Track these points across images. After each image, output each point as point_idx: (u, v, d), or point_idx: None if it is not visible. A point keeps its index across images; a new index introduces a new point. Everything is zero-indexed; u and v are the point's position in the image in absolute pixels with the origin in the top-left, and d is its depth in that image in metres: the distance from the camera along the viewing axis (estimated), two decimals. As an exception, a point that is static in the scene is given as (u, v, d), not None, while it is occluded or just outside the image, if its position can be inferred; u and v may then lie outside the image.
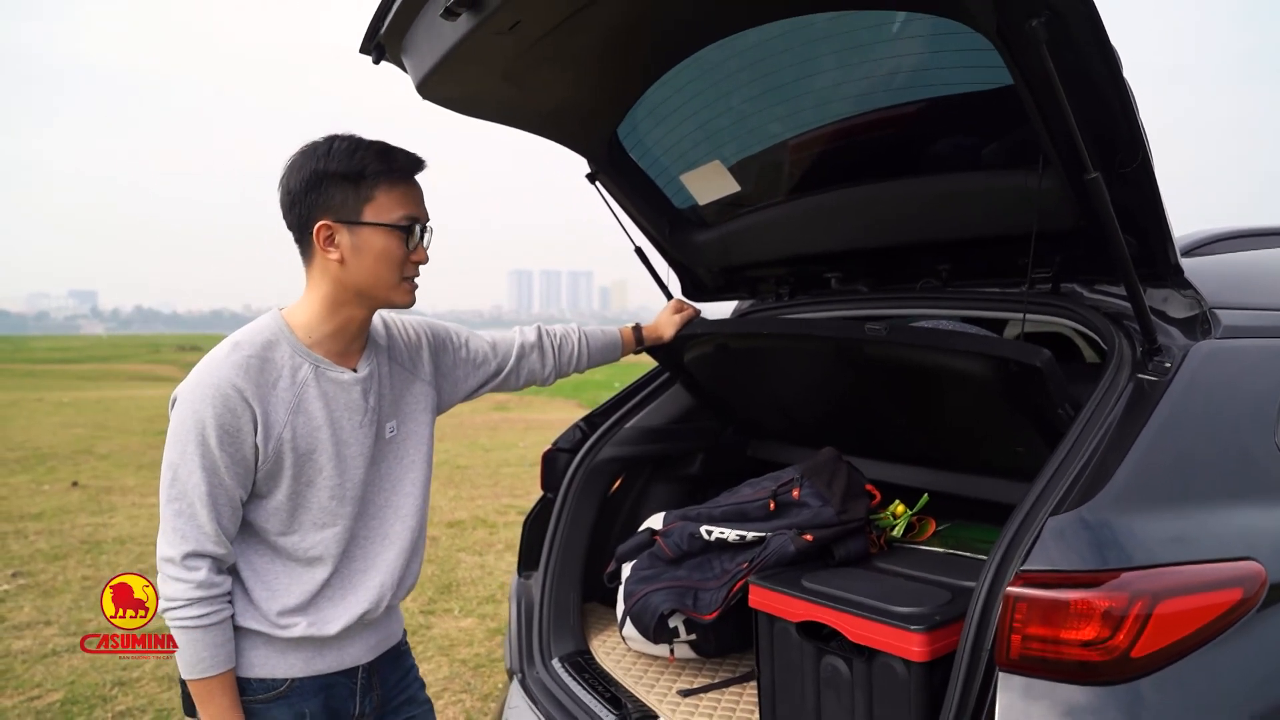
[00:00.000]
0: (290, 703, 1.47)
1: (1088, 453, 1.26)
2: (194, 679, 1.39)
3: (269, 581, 1.45)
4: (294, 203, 1.45)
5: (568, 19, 1.54)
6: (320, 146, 1.45)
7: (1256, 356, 1.40)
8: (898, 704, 1.41)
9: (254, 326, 1.48)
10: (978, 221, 1.69)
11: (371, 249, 1.45)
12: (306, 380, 1.46)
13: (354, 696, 1.55)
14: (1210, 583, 1.13)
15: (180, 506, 1.37)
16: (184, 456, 1.37)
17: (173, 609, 1.37)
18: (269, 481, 1.44)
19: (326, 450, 1.47)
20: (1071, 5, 1.14)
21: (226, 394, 1.37)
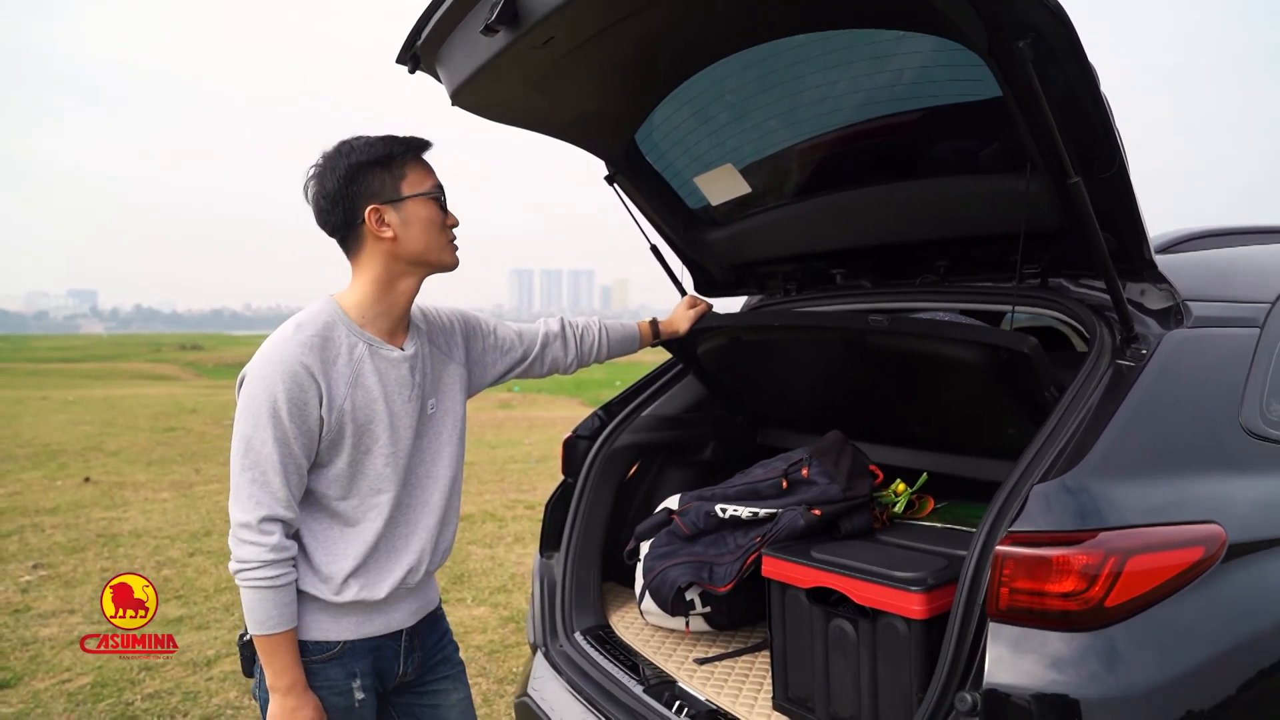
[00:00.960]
0: (343, 663, 1.62)
1: (1070, 429, 1.40)
2: (262, 635, 1.52)
3: (328, 546, 1.59)
4: (335, 201, 1.59)
5: (596, 35, 1.68)
6: (344, 146, 1.60)
7: (1223, 344, 1.55)
8: (899, 659, 1.56)
9: (312, 310, 1.62)
10: (972, 221, 1.84)
11: (418, 218, 1.62)
12: (362, 357, 1.60)
13: (398, 657, 1.70)
14: (1175, 542, 1.27)
15: (255, 475, 1.50)
16: (257, 428, 1.50)
17: (247, 569, 1.50)
18: (331, 450, 1.57)
19: (382, 421, 1.61)
20: (1054, 29, 1.29)
21: (295, 370, 1.51)
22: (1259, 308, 1.63)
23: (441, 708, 1.79)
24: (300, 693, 1.56)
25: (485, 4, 1.65)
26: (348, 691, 1.62)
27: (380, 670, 1.68)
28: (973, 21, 1.34)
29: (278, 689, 1.55)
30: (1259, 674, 1.27)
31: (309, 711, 1.57)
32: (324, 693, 1.60)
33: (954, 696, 1.29)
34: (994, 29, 1.33)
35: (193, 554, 5.78)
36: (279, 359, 1.52)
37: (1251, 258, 1.80)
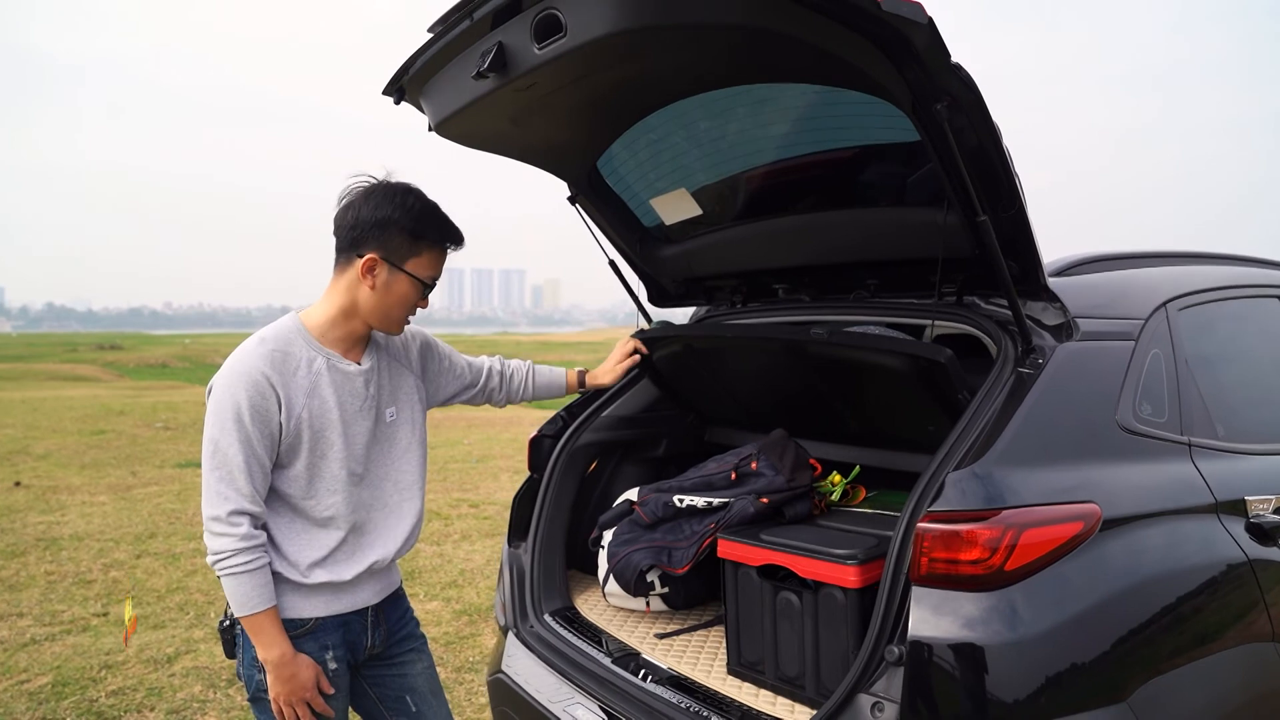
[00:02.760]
0: (316, 637, 1.81)
1: (979, 427, 1.68)
2: (246, 615, 1.71)
3: (294, 538, 1.79)
4: (357, 226, 1.78)
5: (573, 82, 1.89)
6: (398, 195, 1.79)
7: (1105, 355, 1.85)
8: (837, 624, 1.82)
9: (277, 326, 1.81)
10: (897, 246, 2.11)
11: (397, 291, 1.81)
12: (320, 370, 1.79)
13: (366, 631, 1.90)
14: (1060, 518, 1.55)
15: (222, 474, 1.69)
16: (223, 432, 1.69)
17: (221, 559, 1.68)
18: (290, 453, 1.76)
19: (336, 428, 1.79)
20: (966, 94, 1.56)
21: (257, 380, 1.70)
22: (1135, 323, 1.93)
23: (409, 676, 2.00)
24: (292, 659, 1.75)
25: (475, 52, 1.86)
26: (322, 663, 1.81)
27: (350, 643, 1.87)
28: (900, 86, 1.60)
29: (270, 660, 1.73)
30: (1125, 621, 1.56)
31: (305, 672, 1.77)
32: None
33: (884, 649, 1.55)
34: (917, 93, 1.60)
35: (139, 556, 5.78)
36: (243, 370, 1.71)
37: (1131, 279, 2.11)
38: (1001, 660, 1.47)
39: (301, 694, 1.76)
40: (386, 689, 1.98)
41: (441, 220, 1.84)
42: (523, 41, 1.73)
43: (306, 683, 1.76)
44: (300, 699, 1.76)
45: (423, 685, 2.02)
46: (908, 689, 1.49)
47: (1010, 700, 1.46)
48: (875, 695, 1.55)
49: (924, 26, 1.45)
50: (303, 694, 1.76)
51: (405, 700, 1.99)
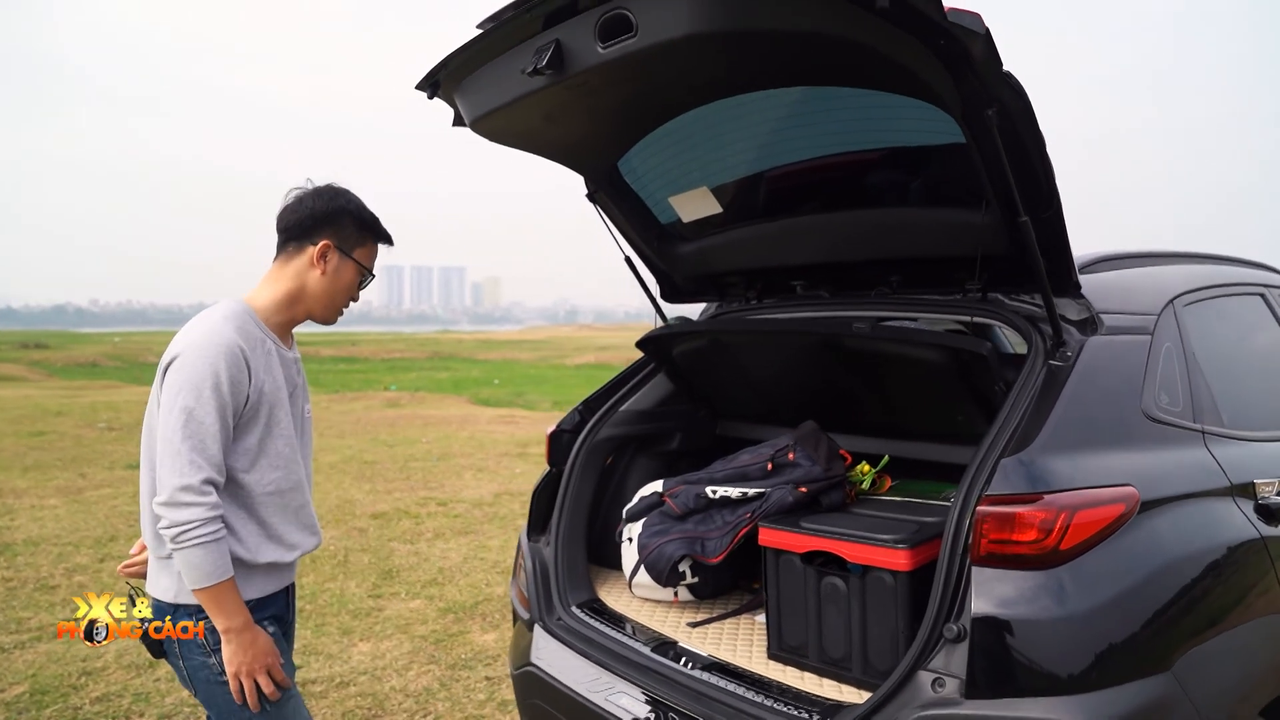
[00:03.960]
0: (258, 611, 1.84)
1: (1019, 417, 1.77)
2: (210, 586, 1.70)
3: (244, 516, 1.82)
4: (311, 214, 1.90)
5: (627, 81, 1.93)
6: (346, 192, 1.95)
7: (1127, 348, 1.96)
8: (886, 606, 1.90)
9: (231, 306, 1.86)
10: (924, 244, 2.20)
11: (344, 278, 1.95)
12: (270, 349, 1.87)
13: (286, 606, 2.00)
14: (1105, 500, 1.65)
15: (195, 442, 1.70)
16: (200, 400, 1.71)
17: (191, 529, 1.67)
18: (248, 425, 1.81)
19: (284, 405, 1.88)
20: (1015, 102, 1.64)
21: (234, 351, 1.75)
22: (1149, 318, 2.05)
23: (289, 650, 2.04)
24: (252, 627, 1.77)
25: (527, 49, 1.88)
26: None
27: (278, 619, 1.94)
28: (952, 93, 1.68)
29: (232, 629, 1.74)
30: (1165, 596, 1.67)
31: (264, 639, 1.79)
32: None
33: (943, 627, 1.63)
34: (968, 100, 1.68)
35: (103, 559, 5.62)
36: (219, 340, 1.75)
37: (1141, 277, 2.24)
38: (1057, 634, 1.57)
39: (264, 659, 1.78)
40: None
41: (379, 221, 2.00)
42: (584, 40, 1.76)
43: (267, 648, 1.79)
44: (263, 665, 1.78)
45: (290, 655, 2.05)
46: (971, 664, 1.57)
47: (1066, 672, 1.55)
48: (934, 671, 1.63)
49: (982, 36, 1.53)
50: (265, 659, 1.78)
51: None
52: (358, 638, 4.36)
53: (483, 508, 7.24)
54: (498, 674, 3.91)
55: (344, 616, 4.66)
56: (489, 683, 3.82)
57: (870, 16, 1.52)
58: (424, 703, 3.64)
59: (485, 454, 10.12)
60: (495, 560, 5.72)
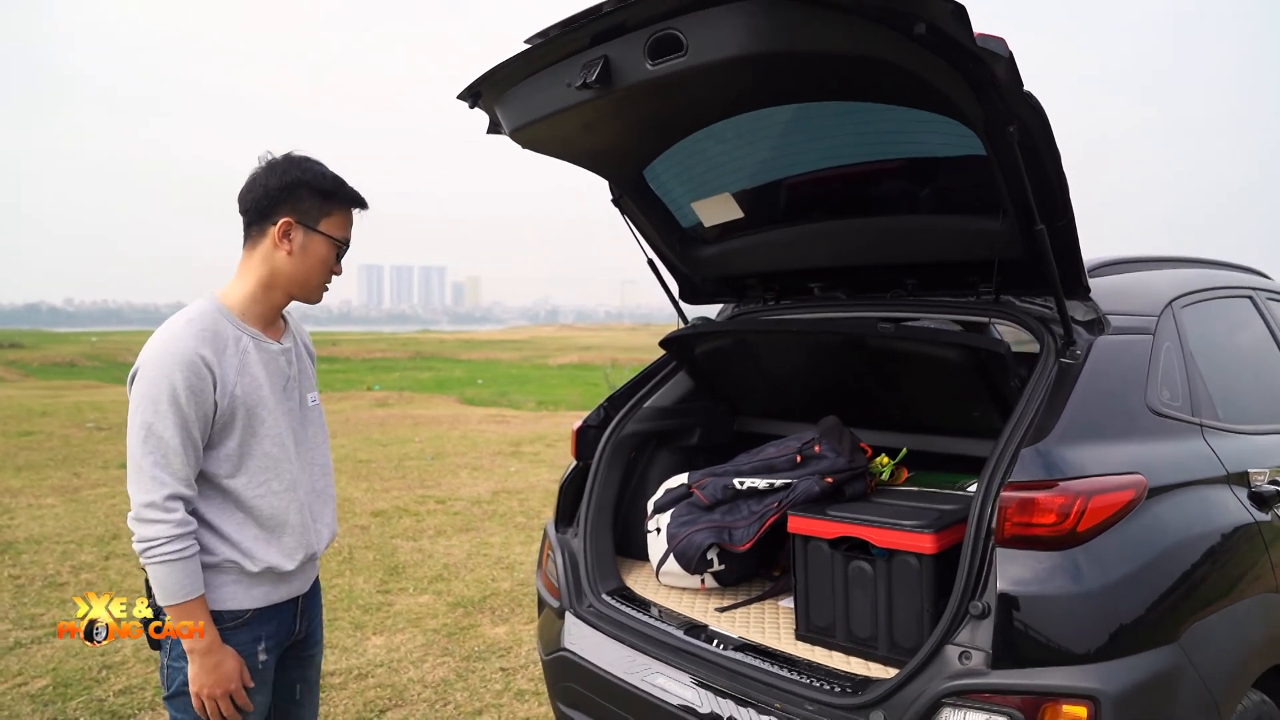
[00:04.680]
0: (251, 629, 1.81)
1: (1034, 411, 1.91)
2: (177, 604, 1.67)
3: (237, 525, 1.78)
4: (265, 195, 1.78)
5: (671, 95, 2.05)
6: (302, 162, 1.81)
7: (1132, 347, 2.11)
8: (911, 588, 2.03)
9: (199, 307, 1.78)
10: (941, 250, 2.34)
11: (315, 252, 1.83)
12: (247, 348, 1.79)
13: (295, 620, 1.93)
14: (1117, 486, 1.79)
15: (157, 458, 1.65)
16: (158, 414, 1.65)
17: (156, 546, 1.64)
18: (223, 432, 1.74)
19: (267, 405, 1.80)
20: (1035, 120, 1.78)
21: (192, 360, 1.68)
22: (1151, 319, 2.20)
23: (307, 667, 2.03)
24: (219, 649, 1.73)
25: (574, 64, 2.00)
26: (253, 655, 1.81)
27: (280, 634, 1.89)
28: (976, 110, 1.82)
29: (196, 650, 1.70)
30: (1172, 574, 1.82)
31: (230, 660, 1.75)
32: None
33: (968, 605, 1.77)
34: (991, 117, 1.82)
35: (107, 557, 5.66)
36: (175, 350, 1.68)
37: (1141, 280, 2.39)
38: (1074, 609, 1.71)
39: (226, 685, 1.73)
40: (285, 676, 1.98)
41: (346, 182, 1.86)
42: (633, 57, 1.88)
43: (231, 674, 1.74)
44: (224, 691, 1.73)
45: (313, 675, 2.06)
46: (995, 637, 1.71)
47: (1083, 644, 1.69)
48: (961, 645, 1.76)
49: (1006, 59, 1.66)
50: (227, 685, 1.73)
51: (295, 689, 2.01)
52: (370, 631, 4.46)
53: (481, 505, 7.34)
54: (512, 665, 4.02)
55: (355, 611, 4.75)
56: (504, 673, 3.93)
57: (908, 41, 1.65)
58: (442, 693, 3.75)
59: (479, 453, 10.20)
60: (499, 556, 5.82)
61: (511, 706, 3.61)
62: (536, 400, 19.20)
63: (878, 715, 1.81)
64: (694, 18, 1.75)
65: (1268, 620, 2.02)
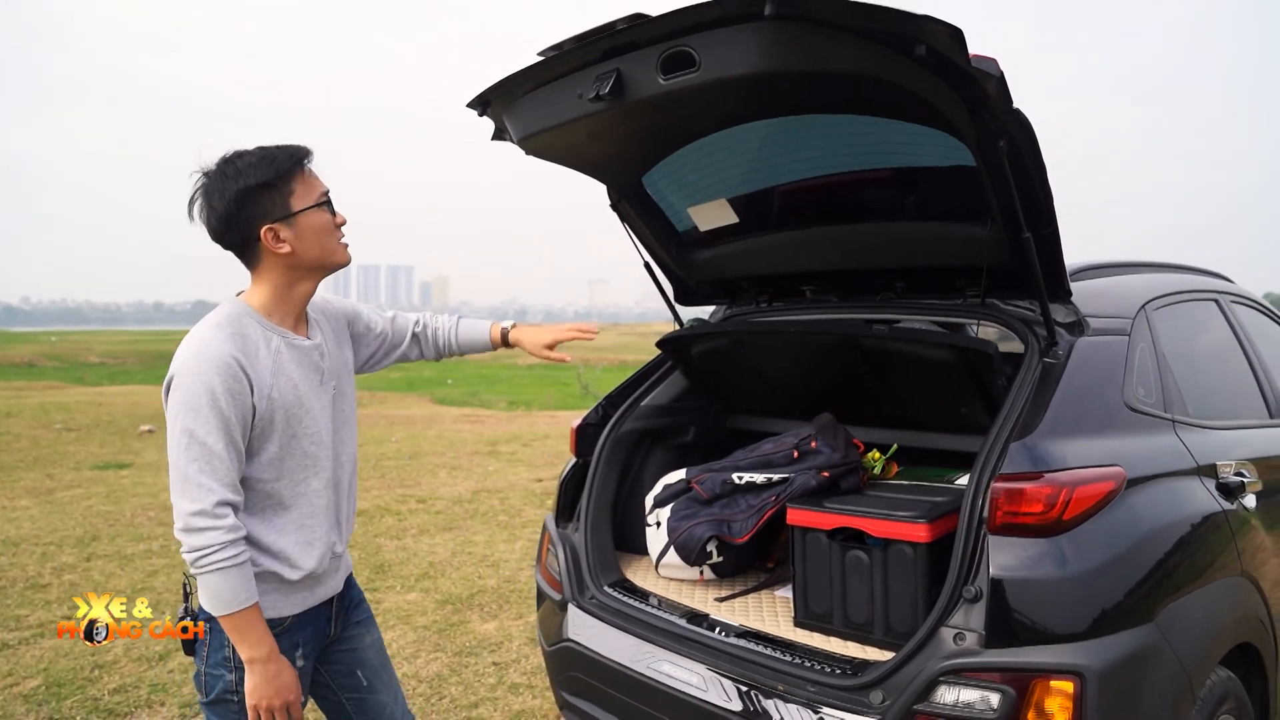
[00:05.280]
0: (289, 636, 1.80)
1: (1020, 407, 2.04)
2: (232, 613, 1.64)
3: (269, 526, 1.75)
4: (229, 223, 1.70)
5: (681, 108, 2.14)
6: (229, 168, 1.69)
7: (1109, 347, 2.24)
8: (906, 575, 2.15)
9: (225, 311, 1.75)
10: (930, 255, 2.46)
11: (311, 228, 1.75)
12: (279, 349, 1.75)
13: (329, 622, 1.92)
14: (1099, 478, 1.92)
15: (202, 464, 1.61)
16: (199, 420, 1.61)
17: (209, 554, 1.60)
18: (262, 437, 1.71)
19: (304, 404, 1.76)
20: (1023, 135, 1.90)
21: (227, 363, 1.64)
22: (1126, 321, 2.35)
23: (359, 650, 2.01)
24: (278, 657, 1.71)
25: (586, 76, 2.09)
26: (291, 661, 1.78)
27: (317, 638, 1.89)
28: (969, 126, 1.94)
29: (256, 659, 1.68)
30: (1149, 559, 1.95)
31: (288, 673, 1.73)
32: None
33: (962, 589, 1.88)
34: (982, 132, 1.94)
35: (89, 558, 5.64)
36: (210, 354, 1.65)
37: (1117, 284, 2.53)
38: (1060, 592, 1.83)
39: (284, 696, 1.71)
40: (337, 665, 1.97)
41: (278, 153, 1.73)
42: (646, 72, 1.97)
43: (289, 684, 1.72)
44: (283, 702, 1.71)
45: (372, 659, 2.02)
46: (988, 619, 1.83)
47: (1069, 624, 1.82)
48: (955, 627, 1.88)
49: (997, 79, 1.78)
50: (285, 696, 1.71)
51: (356, 675, 2.00)
52: (361, 628, 4.50)
53: (462, 504, 7.38)
54: (504, 660, 4.09)
55: (344, 609, 4.78)
56: (497, 667, 4.01)
57: (908, 61, 1.77)
58: (437, 687, 3.81)
59: (456, 453, 10.23)
60: (483, 555, 5.88)
61: (506, 699, 3.69)
62: (507, 400, 19.24)
63: (877, 695, 1.92)
64: (707, 35, 1.85)
65: (1234, 602, 2.17)
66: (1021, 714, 1.77)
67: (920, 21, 1.67)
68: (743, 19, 1.78)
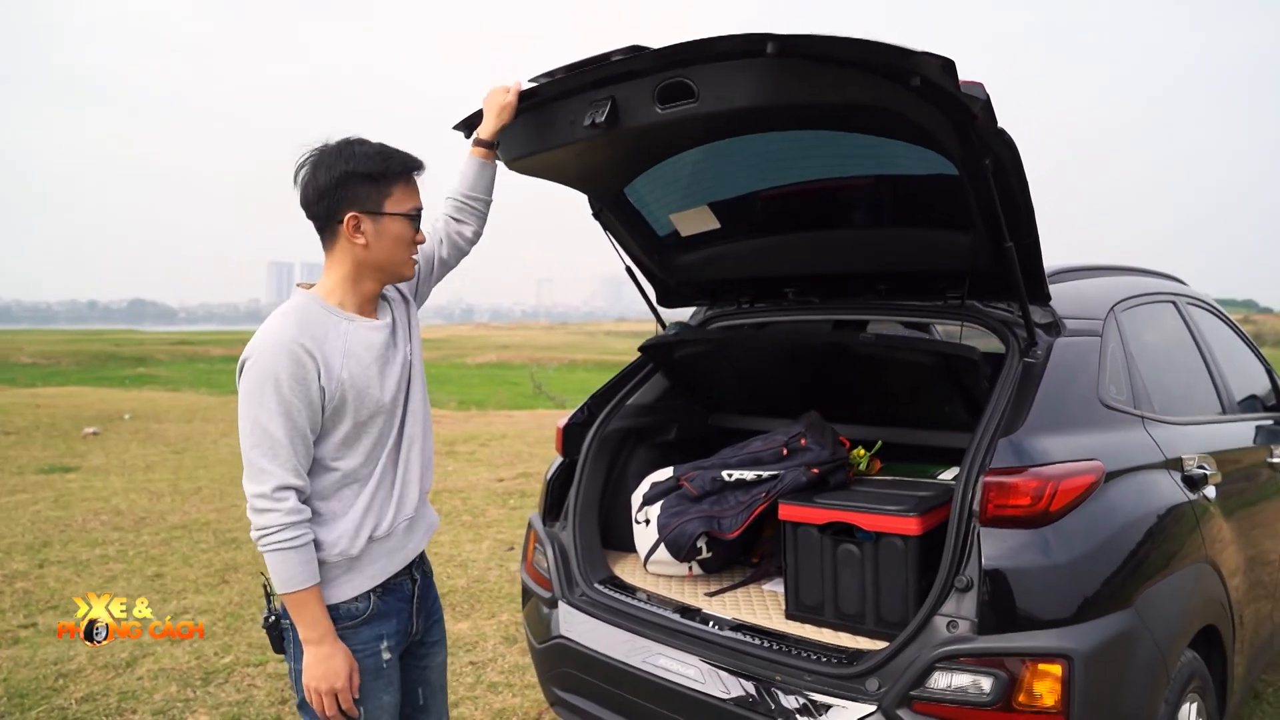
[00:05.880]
0: (372, 626, 1.84)
1: (1004, 405, 2.13)
2: (290, 593, 1.71)
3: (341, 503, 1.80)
4: (322, 196, 1.77)
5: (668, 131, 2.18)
6: (345, 150, 1.78)
7: (1084, 347, 2.36)
8: (897, 567, 2.23)
9: (294, 301, 1.80)
10: (913, 260, 2.55)
11: (390, 234, 1.81)
12: (349, 332, 1.80)
13: (412, 618, 1.94)
14: (1080, 471, 2.02)
15: (264, 449, 1.67)
16: (263, 406, 1.67)
17: (268, 534, 1.67)
18: (335, 417, 1.76)
19: (375, 384, 1.81)
20: (1006, 153, 1.99)
21: (293, 349, 1.69)
22: (1099, 322, 2.46)
23: (429, 669, 2.05)
24: (332, 641, 1.75)
25: (581, 101, 2.11)
26: (376, 653, 1.84)
27: (400, 631, 1.91)
28: (956, 147, 2.02)
29: (310, 640, 1.73)
30: (1127, 547, 2.06)
31: (340, 658, 1.76)
32: (358, 655, 1.81)
33: (954, 579, 1.97)
34: (969, 152, 2.02)
35: (41, 565, 5.48)
36: (276, 341, 1.70)
37: (1088, 287, 2.66)
38: (1047, 580, 1.93)
39: (332, 681, 1.74)
40: (405, 679, 1.98)
41: (396, 154, 1.82)
42: (642, 102, 2.01)
43: (339, 670, 1.75)
44: (330, 687, 1.74)
45: (436, 679, 2.07)
46: (980, 607, 1.91)
47: (1056, 610, 1.91)
48: (948, 615, 1.96)
49: (983, 102, 1.87)
50: (333, 681, 1.74)
51: (417, 692, 2.03)
52: (333, 631, 4.46)
53: (425, 505, 7.33)
54: (480, 659, 4.10)
55: (314, 612, 4.73)
56: (474, 667, 4.01)
57: (903, 90, 1.84)
58: (416, 687, 3.80)
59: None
60: (450, 555, 5.86)
61: (486, 698, 3.70)
62: (458, 400, 19.07)
63: (873, 682, 2.00)
64: (706, 68, 1.89)
65: (1200, 587, 2.30)
66: (1013, 696, 1.86)
67: (916, 56, 1.74)
68: (744, 55, 1.82)
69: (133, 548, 5.90)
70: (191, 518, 6.76)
